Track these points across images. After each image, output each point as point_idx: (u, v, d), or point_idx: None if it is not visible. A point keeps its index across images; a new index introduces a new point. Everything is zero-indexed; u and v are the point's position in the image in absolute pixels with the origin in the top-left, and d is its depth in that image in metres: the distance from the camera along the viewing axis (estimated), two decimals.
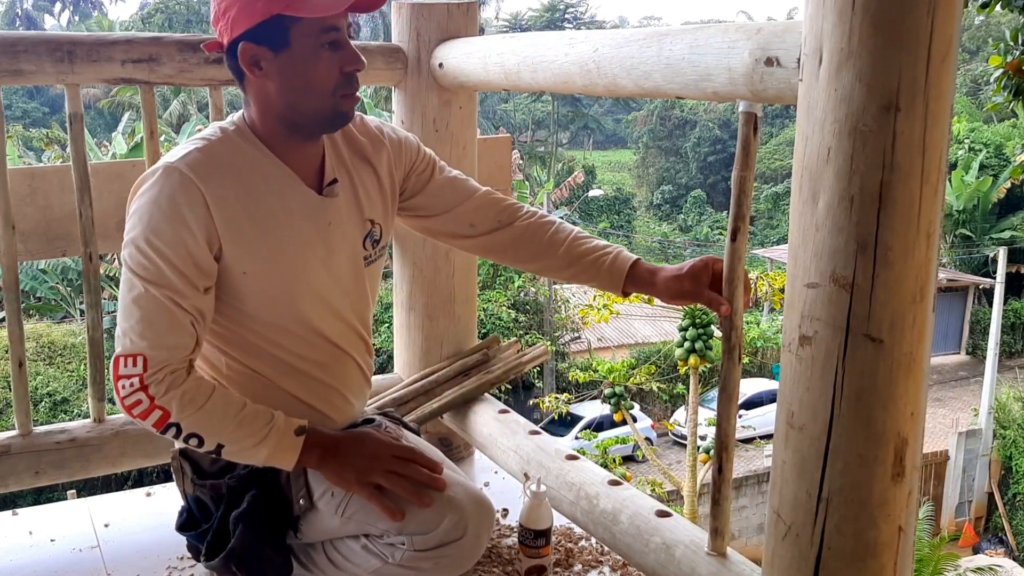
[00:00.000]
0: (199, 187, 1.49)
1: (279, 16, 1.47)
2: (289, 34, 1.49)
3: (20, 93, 31.94)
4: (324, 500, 1.64)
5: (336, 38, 1.51)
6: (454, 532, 1.59)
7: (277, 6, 1.46)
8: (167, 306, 1.49)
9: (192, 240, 1.50)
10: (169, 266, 1.49)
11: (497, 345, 2.49)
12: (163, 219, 1.49)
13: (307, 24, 1.48)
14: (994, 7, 5.11)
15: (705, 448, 11.86)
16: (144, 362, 1.48)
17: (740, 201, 1.48)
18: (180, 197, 1.49)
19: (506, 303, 15.01)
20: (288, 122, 1.57)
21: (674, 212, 33.35)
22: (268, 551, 1.65)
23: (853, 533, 1.19)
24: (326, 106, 1.55)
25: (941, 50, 1.06)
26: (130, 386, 1.49)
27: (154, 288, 1.49)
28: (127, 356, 1.49)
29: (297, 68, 1.51)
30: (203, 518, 1.70)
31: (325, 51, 1.51)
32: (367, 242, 1.73)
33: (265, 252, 1.57)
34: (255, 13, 1.47)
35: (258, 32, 1.49)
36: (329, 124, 1.60)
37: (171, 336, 1.50)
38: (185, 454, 1.70)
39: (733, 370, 1.53)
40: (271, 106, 1.56)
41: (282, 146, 1.59)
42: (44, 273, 14.36)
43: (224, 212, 1.52)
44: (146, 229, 1.49)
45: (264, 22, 1.47)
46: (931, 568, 10.15)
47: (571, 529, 2.03)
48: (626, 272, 1.75)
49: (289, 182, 1.60)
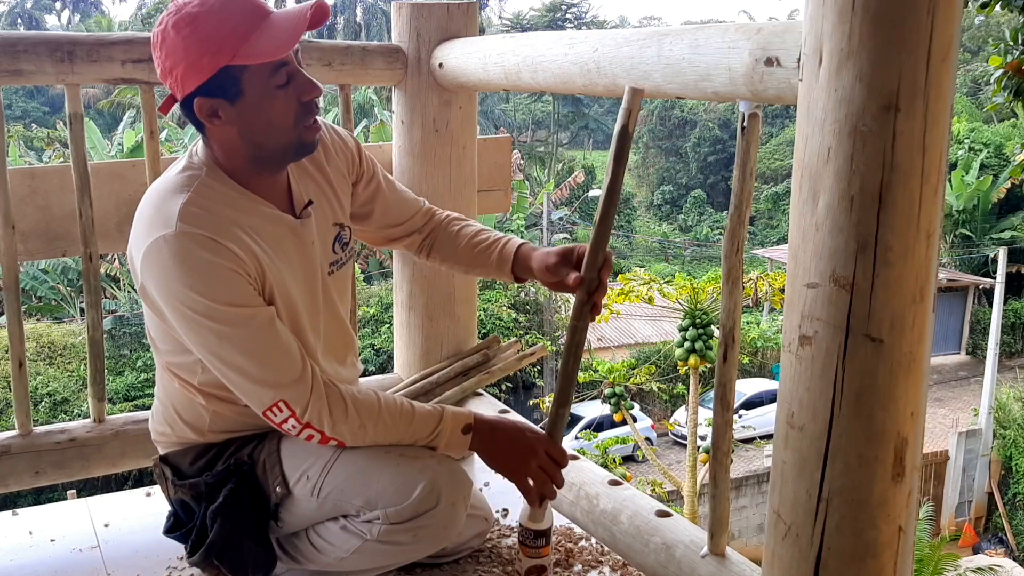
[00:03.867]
0: (212, 238, 1.51)
1: (227, 67, 1.47)
2: (240, 83, 1.50)
3: (20, 93, 31.91)
4: (300, 485, 1.66)
5: (288, 72, 1.52)
6: (427, 501, 1.61)
7: (223, 59, 1.47)
8: (264, 334, 1.54)
9: (237, 274, 1.52)
10: (239, 303, 1.51)
11: (497, 345, 2.49)
12: (202, 278, 1.50)
13: (256, 69, 1.49)
14: (994, 7, 5.10)
15: (705, 448, 11.84)
16: (287, 405, 1.55)
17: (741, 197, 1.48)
18: (203, 253, 1.50)
19: (506, 303, 15.01)
20: (255, 160, 1.59)
21: (674, 212, 33.33)
22: (248, 543, 1.68)
23: (853, 533, 1.19)
24: (290, 140, 1.57)
25: (941, 50, 1.06)
26: (294, 427, 1.57)
27: (242, 328, 1.52)
28: (267, 410, 1.56)
29: (255, 112, 1.52)
30: (188, 519, 1.73)
31: (280, 90, 1.52)
32: (336, 246, 1.77)
33: (275, 283, 1.60)
34: (203, 70, 1.48)
35: (210, 86, 1.49)
36: (295, 155, 1.62)
37: (284, 358, 1.55)
38: (166, 459, 1.75)
39: (728, 369, 1.53)
40: (236, 149, 1.58)
41: (252, 179, 1.61)
42: (45, 273, 14.37)
43: (241, 250, 1.54)
44: (193, 295, 1.49)
45: (213, 76, 1.48)
46: (931, 568, 10.14)
47: (571, 529, 2.03)
48: (511, 259, 1.83)
49: (269, 214, 1.62)
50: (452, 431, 1.66)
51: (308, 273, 1.68)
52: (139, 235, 1.55)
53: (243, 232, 1.55)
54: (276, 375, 1.54)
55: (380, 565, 1.72)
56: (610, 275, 1.66)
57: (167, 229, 1.50)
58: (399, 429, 1.63)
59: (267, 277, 1.58)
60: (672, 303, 12.01)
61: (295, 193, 1.68)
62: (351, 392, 1.60)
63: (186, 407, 1.71)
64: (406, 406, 1.65)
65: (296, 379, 1.55)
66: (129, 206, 2.15)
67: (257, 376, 1.54)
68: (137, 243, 1.55)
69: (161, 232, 1.50)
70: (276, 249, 1.61)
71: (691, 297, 11.64)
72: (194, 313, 1.50)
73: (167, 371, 1.69)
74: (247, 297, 1.53)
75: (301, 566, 1.75)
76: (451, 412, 1.68)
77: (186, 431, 1.72)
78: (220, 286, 1.50)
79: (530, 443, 1.69)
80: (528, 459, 1.68)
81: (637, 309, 15.96)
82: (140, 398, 12.66)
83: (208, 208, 1.54)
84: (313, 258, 1.69)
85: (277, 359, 1.55)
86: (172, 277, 1.49)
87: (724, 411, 1.57)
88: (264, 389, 1.54)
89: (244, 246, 1.54)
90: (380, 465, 1.63)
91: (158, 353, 1.69)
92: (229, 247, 1.51)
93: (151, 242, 1.51)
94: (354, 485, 1.63)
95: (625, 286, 12.11)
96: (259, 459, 1.69)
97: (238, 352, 1.52)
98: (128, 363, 13.63)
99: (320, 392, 1.57)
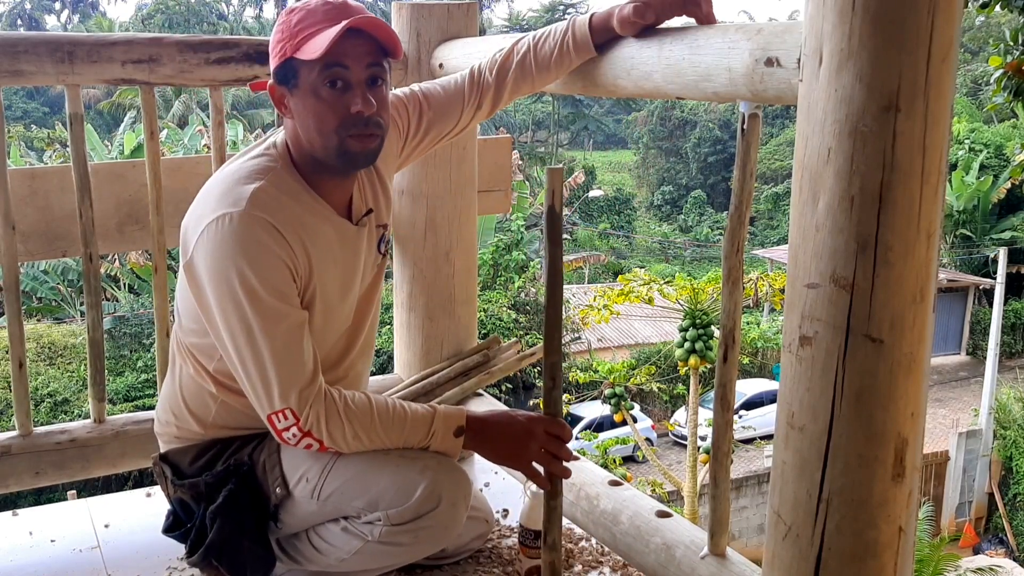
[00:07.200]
0: (276, 227, 1.55)
1: (291, 58, 1.56)
2: (298, 75, 1.57)
3: (20, 93, 31.92)
4: (299, 487, 1.67)
5: (340, 76, 1.56)
6: (428, 502, 1.62)
7: (289, 50, 1.57)
8: (290, 337, 1.56)
9: (287, 268, 1.56)
10: (281, 298, 1.55)
11: (497, 345, 2.49)
12: (257, 259, 1.53)
13: (310, 64, 1.55)
14: (994, 7, 5.10)
15: (705, 448, 11.84)
16: (292, 413, 1.56)
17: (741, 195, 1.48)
18: (264, 237, 1.53)
19: (506, 303, 15.00)
20: (312, 160, 1.63)
21: (674, 212, 33.32)
22: (247, 543, 1.68)
23: (853, 533, 1.19)
24: (331, 144, 1.59)
25: (941, 50, 1.06)
26: (294, 436, 1.58)
27: (272, 325, 1.54)
28: (273, 414, 1.57)
29: (305, 105, 1.59)
30: (187, 519, 1.74)
31: (326, 89, 1.56)
32: (380, 246, 1.80)
33: (319, 287, 1.63)
34: (276, 56, 1.60)
35: (280, 73, 1.60)
36: (341, 161, 1.62)
37: (300, 366, 1.56)
38: (165, 458, 1.76)
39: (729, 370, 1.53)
40: (298, 141, 1.63)
41: (316, 178, 1.65)
42: (45, 274, 14.36)
43: (297, 248, 1.58)
44: (245, 273, 1.52)
45: (282, 64, 1.58)
46: (931, 568, 10.14)
47: (571, 529, 2.03)
48: (588, 32, 1.77)
49: (329, 217, 1.66)
50: (444, 435, 1.67)
51: (352, 278, 1.71)
52: (203, 210, 1.57)
53: (303, 230, 1.59)
54: (289, 381, 1.55)
55: (381, 566, 1.72)
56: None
57: (236, 208, 1.53)
58: (392, 436, 1.64)
59: (313, 278, 1.61)
60: (672, 303, 12.01)
61: (355, 199, 1.72)
62: (346, 401, 1.60)
63: (194, 395, 1.71)
64: (399, 412, 1.65)
65: (305, 387, 1.56)
66: (129, 206, 2.16)
67: (271, 377, 1.55)
68: (199, 217, 1.57)
69: (229, 210, 1.53)
70: (329, 252, 1.64)
71: (691, 297, 11.64)
72: (238, 292, 1.52)
73: (184, 352, 1.71)
74: (289, 294, 1.56)
75: (301, 567, 1.75)
76: (442, 415, 1.68)
77: (190, 422, 1.73)
78: (270, 273, 1.53)
79: (525, 427, 1.66)
80: (526, 443, 1.65)
81: (637, 309, 15.96)
82: (140, 399, 12.65)
83: (279, 199, 1.58)
84: (360, 264, 1.72)
85: (295, 365, 1.56)
86: (228, 252, 1.52)
87: (724, 411, 1.57)
88: (275, 392, 1.55)
89: (301, 246, 1.58)
90: (380, 467, 1.63)
91: (182, 332, 1.70)
92: (288, 241, 1.55)
93: (216, 216, 1.54)
94: (355, 487, 1.64)
95: (625, 286, 12.11)
96: (259, 460, 1.69)
97: (263, 348, 1.54)
98: (128, 363, 13.62)
99: (320, 402, 1.58)
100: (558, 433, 1.64)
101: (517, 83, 1.90)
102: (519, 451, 1.65)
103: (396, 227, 2.47)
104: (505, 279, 15.40)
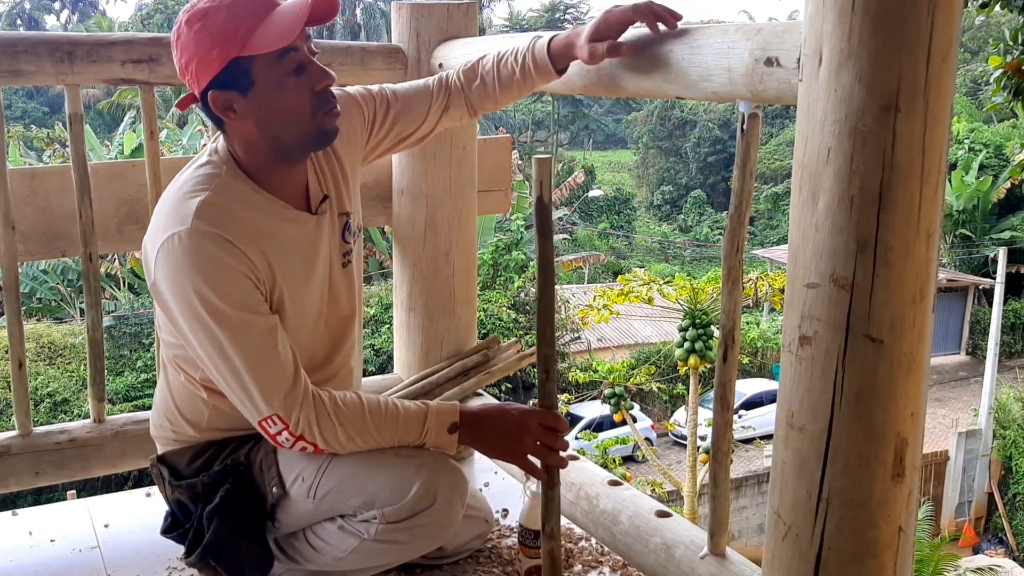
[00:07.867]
0: (227, 239, 1.51)
1: (237, 59, 1.49)
2: (251, 74, 1.51)
3: (20, 93, 31.92)
4: (296, 486, 1.66)
5: (297, 60, 1.52)
6: (424, 500, 1.61)
7: (232, 51, 1.49)
8: (262, 344, 1.54)
9: (247, 278, 1.53)
10: (245, 308, 1.52)
11: (497, 345, 2.49)
12: (213, 276, 1.50)
13: (264, 59, 1.50)
14: (994, 7, 5.10)
15: (705, 448, 11.85)
16: (280, 419, 1.55)
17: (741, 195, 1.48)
18: (216, 252, 1.51)
19: (506, 303, 15.00)
20: (275, 154, 1.60)
21: (674, 212, 33.32)
22: (245, 543, 1.68)
23: (853, 533, 1.19)
24: (308, 130, 1.57)
25: (941, 50, 1.06)
26: (288, 440, 1.58)
27: (242, 337, 1.52)
28: (263, 421, 1.56)
29: (268, 103, 1.53)
30: (185, 520, 1.73)
31: (290, 78, 1.53)
32: (345, 235, 1.76)
33: (285, 287, 1.61)
34: (213, 63, 1.50)
35: (222, 79, 1.51)
36: (314, 144, 1.62)
37: (278, 371, 1.55)
38: (163, 460, 1.76)
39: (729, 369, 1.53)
40: (255, 144, 1.59)
41: (270, 175, 1.62)
42: (45, 274, 14.36)
43: (254, 254, 1.55)
44: (203, 291, 1.50)
45: (224, 69, 1.50)
46: (931, 568, 10.14)
47: (571, 529, 2.03)
48: (550, 65, 1.78)
49: (285, 214, 1.63)
50: (438, 432, 1.65)
51: (321, 270, 1.69)
52: (156, 230, 1.55)
53: (259, 235, 1.56)
54: (269, 387, 1.54)
55: (378, 564, 1.72)
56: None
57: (183, 226, 1.51)
58: (386, 436, 1.63)
59: (277, 282, 1.59)
60: (672, 303, 12.02)
61: (312, 187, 1.69)
62: (336, 403, 1.59)
63: (186, 401, 1.71)
64: (392, 411, 1.63)
65: (288, 391, 1.55)
66: (129, 206, 2.16)
67: (252, 387, 1.54)
68: (153, 238, 1.55)
69: (177, 229, 1.51)
70: (290, 250, 1.62)
71: (691, 297, 11.65)
72: (201, 312, 1.50)
73: (172, 364, 1.70)
74: (253, 303, 1.54)
75: (299, 566, 1.75)
76: (435, 412, 1.66)
77: (184, 427, 1.72)
78: (229, 287, 1.51)
79: (519, 420, 1.64)
80: (521, 437, 1.63)
81: (637, 309, 15.96)
82: (140, 398, 12.65)
83: (226, 207, 1.55)
84: (327, 254, 1.70)
85: (272, 371, 1.55)
86: (184, 274, 1.50)
87: (724, 411, 1.57)
88: (259, 400, 1.55)
89: (257, 251, 1.55)
90: (376, 465, 1.63)
91: (164, 346, 1.70)
92: (242, 250, 1.52)
93: (166, 237, 1.51)
94: (350, 485, 1.64)
95: (625, 286, 12.11)
96: (255, 460, 1.69)
97: (237, 361, 1.53)
98: (128, 363, 13.62)
99: (309, 405, 1.57)
100: (553, 425, 1.62)
101: (480, 97, 1.88)
102: (514, 445, 1.64)
103: (396, 227, 2.47)
104: (505, 279, 15.39)
